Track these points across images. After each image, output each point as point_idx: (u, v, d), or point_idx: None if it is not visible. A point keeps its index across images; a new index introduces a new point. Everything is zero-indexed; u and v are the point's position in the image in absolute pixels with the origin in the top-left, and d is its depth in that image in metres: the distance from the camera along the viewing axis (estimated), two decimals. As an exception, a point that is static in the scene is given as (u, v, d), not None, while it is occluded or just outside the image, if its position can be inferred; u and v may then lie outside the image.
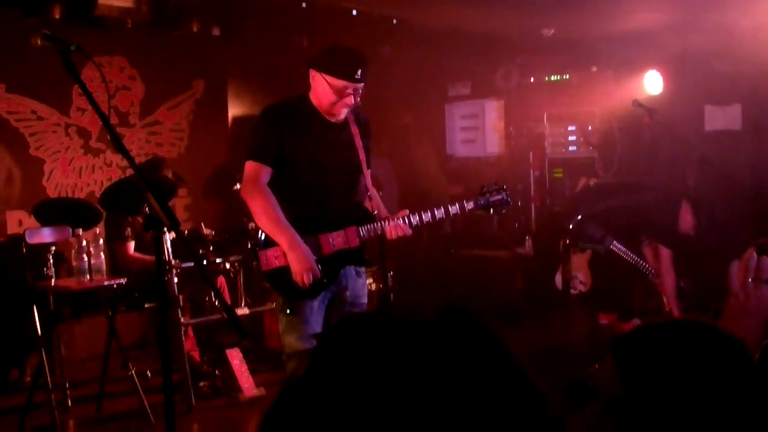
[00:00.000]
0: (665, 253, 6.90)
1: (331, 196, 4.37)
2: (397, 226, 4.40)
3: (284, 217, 4.26)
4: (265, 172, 4.29)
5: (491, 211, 4.64)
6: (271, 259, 4.31)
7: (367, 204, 4.48)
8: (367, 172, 4.56)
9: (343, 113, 4.36)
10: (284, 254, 4.26)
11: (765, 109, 8.10)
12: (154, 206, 2.96)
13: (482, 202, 4.59)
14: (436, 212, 4.47)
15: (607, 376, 1.51)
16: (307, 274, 4.19)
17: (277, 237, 4.25)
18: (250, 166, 4.33)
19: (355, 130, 4.46)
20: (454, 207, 4.49)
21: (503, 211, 4.68)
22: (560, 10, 8.23)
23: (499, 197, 4.60)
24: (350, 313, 4.45)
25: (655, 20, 8.35)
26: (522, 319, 8.04)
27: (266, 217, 4.27)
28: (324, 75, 4.25)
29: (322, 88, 4.29)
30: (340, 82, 4.23)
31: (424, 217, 4.46)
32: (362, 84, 4.29)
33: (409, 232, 4.44)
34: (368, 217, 4.43)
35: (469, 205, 4.54)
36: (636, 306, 8.44)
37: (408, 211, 4.46)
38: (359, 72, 4.23)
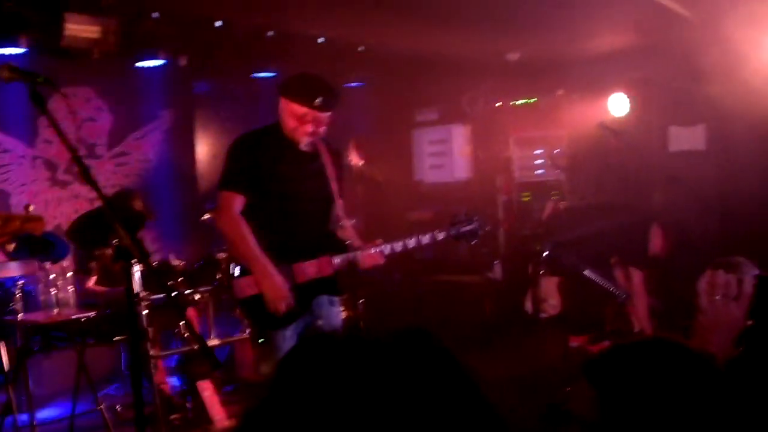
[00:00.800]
0: (637, 275, 6.95)
1: (303, 225, 4.39)
2: (371, 256, 4.42)
3: (258, 247, 4.27)
4: (239, 201, 4.33)
5: (463, 240, 4.69)
6: (244, 287, 4.32)
7: (340, 233, 4.49)
8: (340, 202, 4.57)
9: (304, 141, 4.38)
10: (257, 283, 4.27)
11: (729, 129, 8.20)
12: (123, 238, 2.93)
13: (453, 232, 4.64)
14: (408, 242, 4.50)
15: (582, 400, 1.52)
16: (280, 302, 4.20)
17: (251, 266, 4.27)
18: (223, 195, 4.36)
19: (327, 159, 4.50)
20: (425, 237, 4.53)
21: (474, 241, 4.71)
22: (525, 35, 8.31)
23: (470, 227, 4.67)
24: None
25: (620, 43, 8.45)
26: (493, 343, 8.04)
27: (240, 247, 4.31)
28: (287, 100, 4.30)
29: (284, 113, 4.35)
30: (300, 108, 4.27)
31: (396, 246, 4.49)
32: (325, 113, 4.31)
33: (383, 260, 4.45)
34: (341, 247, 4.45)
35: (441, 236, 4.59)
36: (607, 328, 8.47)
37: (381, 241, 4.48)
38: (320, 100, 4.25)
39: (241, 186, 4.33)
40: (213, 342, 6.32)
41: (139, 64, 7.88)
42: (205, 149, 9.14)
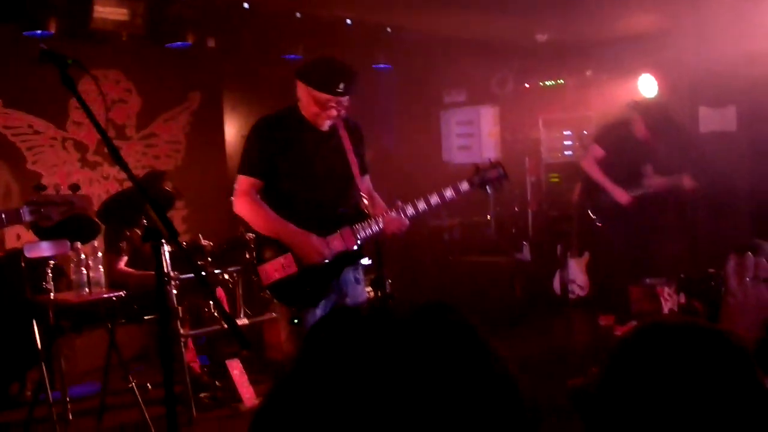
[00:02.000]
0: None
1: (323, 203, 4.42)
2: (392, 220, 4.41)
3: (277, 217, 4.33)
4: (256, 185, 4.39)
5: (488, 189, 4.61)
6: (270, 272, 4.36)
7: (361, 204, 4.49)
8: (362, 179, 4.59)
9: (326, 125, 4.42)
10: (283, 266, 4.32)
11: (760, 110, 8.12)
12: (153, 217, 2.96)
13: (477, 180, 4.56)
14: (431, 199, 4.46)
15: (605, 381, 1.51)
16: (320, 256, 4.27)
17: (280, 234, 4.33)
18: (240, 180, 4.42)
19: (344, 134, 4.51)
20: (448, 191, 4.47)
21: (500, 186, 4.62)
22: (554, 15, 8.26)
23: (495, 173, 4.57)
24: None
25: (649, 23, 8.38)
26: (522, 324, 8.04)
27: (262, 222, 4.37)
28: (308, 87, 4.31)
29: (306, 100, 4.37)
30: (322, 95, 4.29)
31: (419, 206, 4.45)
32: (346, 97, 4.33)
33: (407, 223, 4.45)
34: (362, 216, 4.44)
35: (464, 186, 4.52)
36: (634, 309, 8.45)
37: (401, 203, 4.47)
38: (342, 86, 4.27)
39: (257, 170, 4.37)
40: (242, 322, 6.38)
41: (167, 46, 7.91)
42: (233, 130, 9.18)
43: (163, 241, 3.04)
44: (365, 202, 4.49)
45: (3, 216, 3.84)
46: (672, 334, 1.49)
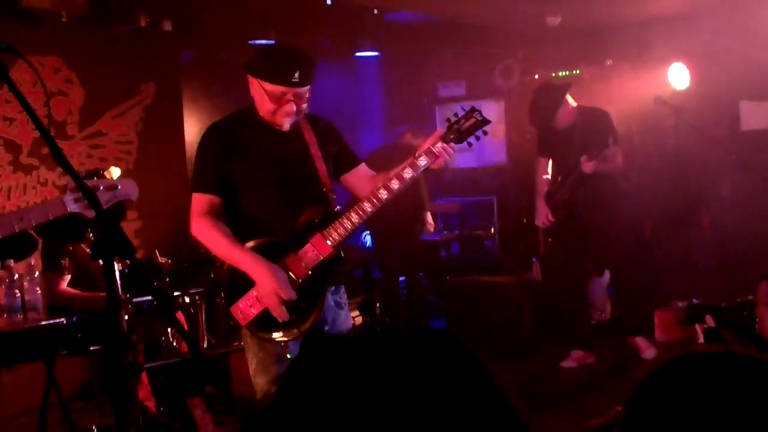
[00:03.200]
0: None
1: (287, 215, 4.40)
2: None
3: (239, 241, 4.32)
4: (213, 202, 4.38)
5: (470, 135, 4.44)
6: (246, 310, 4.35)
7: (328, 204, 4.48)
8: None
9: (286, 123, 4.40)
10: (258, 298, 4.31)
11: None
12: (104, 230, 2.92)
13: (453, 135, 4.38)
14: (419, 160, 4.31)
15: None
16: (281, 291, 4.22)
17: (238, 262, 4.33)
18: (195, 199, 4.42)
19: (310, 138, 4.50)
20: (422, 159, 4.30)
21: (484, 132, 4.51)
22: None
23: (471, 121, 4.41)
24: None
25: (681, 3, 8.40)
26: (531, 354, 8.03)
27: (219, 246, 4.37)
28: (259, 81, 4.29)
29: (259, 96, 4.35)
30: (276, 88, 4.27)
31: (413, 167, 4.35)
32: (305, 87, 4.32)
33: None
34: (330, 217, 4.42)
35: (437, 147, 4.31)
36: (660, 336, 8.47)
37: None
38: (297, 74, 4.24)
39: (213, 187, 4.37)
40: (205, 352, 6.34)
41: (117, 29, 7.89)
42: (194, 128, 9.14)
43: (116, 258, 3.01)
44: (333, 202, 4.49)
45: (47, 208, 3.83)
46: (708, 365, 1.47)
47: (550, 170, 7.84)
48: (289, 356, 4.36)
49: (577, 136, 7.46)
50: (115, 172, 4.12)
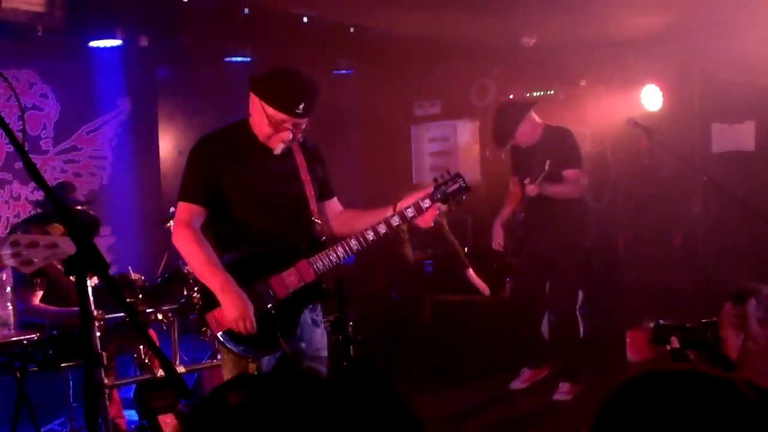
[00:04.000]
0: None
1: (275, 235, 4.42)
2: (428, 209, 4.45)
3: (217, 260, 4.33)
4: (198, 214, 4.38)
5: (451, 202, 4.61)
6: (221, 319, 4.33)
7: (316, 231, 4.50)
8: (327, 203, 4.70)
9: (279, 148, 4.42)
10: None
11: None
12: (78, 246, 2.90)
13: (438, 195, 4.55)
14: (391, 220, 4.46)
15: None
16: (242, 321, 4.22)
17: (209, 281, 4.31)
18: (180, 208, 4.42)
19: (300, 161, 4.52)
20: (410, 210, 4.48)
21: (464, 198, 4.63)
22: (543, 15, 8.31)
23: (455, 186, 4.58)
24: (308, 368, 4.48)
25: (654, 25, 8.46)
26: (506, 373, 8.01)
27: (196, 261, 4.36)
28: (263, 103, 4.29)
29: (258, 117, 4.36)
30: (278, 115, 4.29)
31: (360, 240, 4.44)
32: (305, 119, 4.35)
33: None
34: (318, 246, 4.45)
35: (426, 203, 4.49)
36: (630, 356, 8.48)
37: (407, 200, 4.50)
38: (302, 106, 4.27)
39: (200, 198, 4.38)
40: (178, 369, 6.30)
41: (93, 44, 7.86)
42: (169, 144, 9.12)
43: (89, 274, 2.98)
44: (321, 231, 4.50)
45: None
46: (671, 383, 1.48)
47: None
48: (257, 372, 4.36)
49: (540, 155, 7.38)
50: (57, 230, 4.05)
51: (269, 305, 4.36)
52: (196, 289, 5.01)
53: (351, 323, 6.83)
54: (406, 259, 8.76)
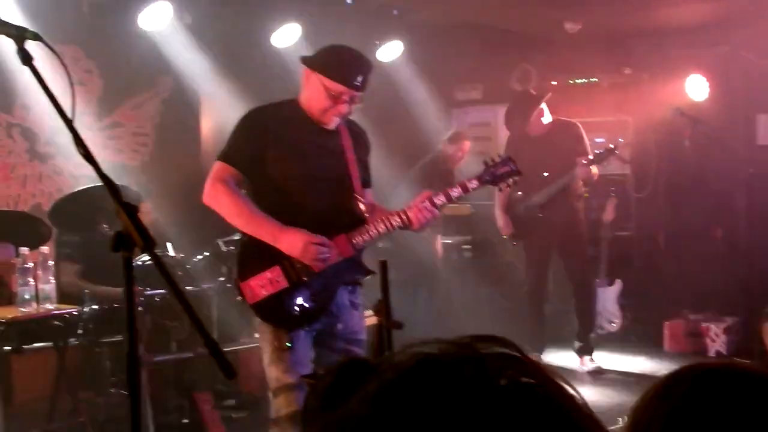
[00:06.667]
0: None
1: (315, 207, 4.43)
2: (423, 209, 4.43)
3: (258, 209, 4.33)
4: (233, 176, 4.39)
5: (499, 185, 4.73)
6: (256, 289, 4.35)
7: (358, 208, 4.51)
8: (365, 191, 4.64)
9: (334, 122, 4.44)
10: (270, 280, 4.32)
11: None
12: (126, 222, 2.91)
13: (487, 177, 4.65)
14: (435, 199, 4.48)
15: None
16: (308, 252, 4.24)
17: (257, 230, 4.33)
18: (217, 165, 4.42)
19: (347, 142, 4.53)
20: (456, 190, 4.53)
21: (514, 183, 4.75)
22: (588, 1, 8.25)
23: (506, 168, 4.66)
24: (344, 350, 4.49)
25: (701, 13, 8.37)
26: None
27: (238, 214, 4.36)
28: (320, 76, 4.33)
29: (315, 91, 4.37)
30: (337, 87, 4.31)
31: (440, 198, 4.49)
32: (360, 93, 4.38)
33: (437, 213, 4.51)
34: (358, 222, 4.46)
35: (473, 184, 4.59)
36: (669, 347, 8.45)
37: (430, 192, 4.52)
38: (360, 78, 4.32)
39: (239, 161, 4.38)
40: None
41: (137, 20, 7.86)
42: (210, 122, 9.13)
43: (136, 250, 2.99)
44: (363, 208, 4.50)
45: None
46: (717, 379, 1.45)
47: None
48: (289, 345, 4.35)
49: (549, 145, 7.68)
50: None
51: (305, 278, 4.37)
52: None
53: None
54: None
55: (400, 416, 0.91)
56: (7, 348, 5.67)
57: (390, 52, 9.32)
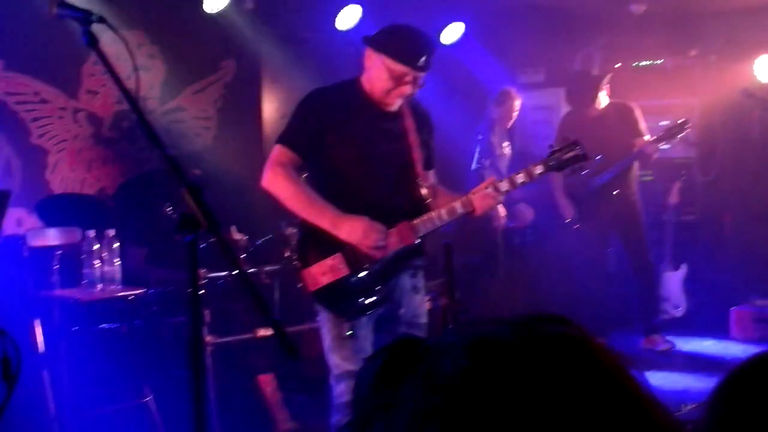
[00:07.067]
0: None
1: (376, 193, 4.39)
2: (486, 196, 4.38)
3: (317, 195, 4.30)
4: (292, 160, 4.36)
5: (566, 170, 4.66)
6: (317, 276, 4.34)
7: (420, 194, 4.47)
8: (427, 173, 4.62)
9: (396, 103, 4.40)
10: (331, 268, 4.30)
11: None
12: (190, 203, 2.92)
13: (553, 162, 4.55)
14: (517, 177, 4.46)
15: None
16: (368, 239, 4.20)
17: (316, 217, 4.30)
18: (276, 150, 4.40)
19: (409, 123, 4.48)
20: (520, 176, 4.47)
21: (581, 170, 4.66)
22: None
23: (572, 153, 4.56)
24: (405, 334, 4.46)
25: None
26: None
27: (296, 200, 4.33)
28: (383, 57, 4.28)
29: (377, 72, 4.33)
30: (400, 67, 4.26)
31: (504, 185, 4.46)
32: (423, 74, 4.31)
33: (499, 199, 4.50)
34: (421, 208, 4.42)
35: (538, 169, 4.51)
36: (735, 335, 8.32)
37: (494, 178, 4.53)
38: (423, 59, 4.26)
39: (297, 145, 4.36)
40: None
41: (200, 5, 7.90)
42: (271, 107, 9.16)
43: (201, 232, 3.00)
44: (425, 194, 4.46)
45: None
46: None
47: None
48: (349, 333, 4.34)
49: (606, 127, 7.64)
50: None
51: (366, 265, 4.35)
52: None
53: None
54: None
55: (452, 397, 0.89)
56: (75, 329, 5.74)
57: (452, 33, 9.27)
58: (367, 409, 0.95)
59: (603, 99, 7.74)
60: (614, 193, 7.71)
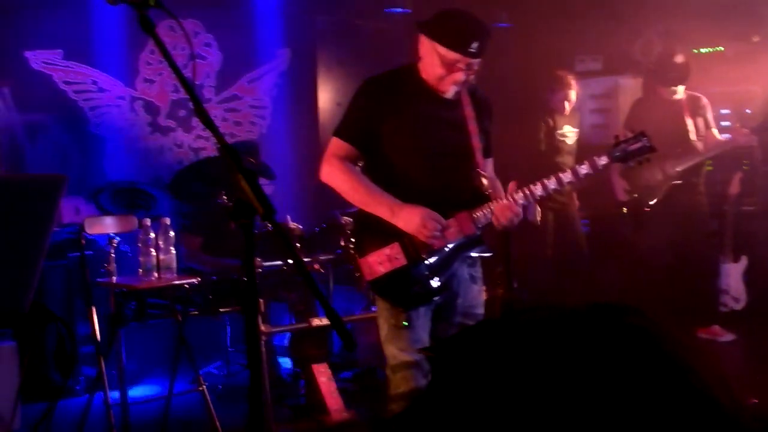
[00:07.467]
0: None
1: (434, 183, 4.33)
2: (505, 208, 4.29)
3: (375, 186, 4.26)
4: (348, 152, 4.32)
5: (631, 162, 4.49)
6: (374, 266, 4.29)
7: (480, 183, 4.39)
8: (485, 161, 4.52)
9: (451, 90, 4.31)
10: (389, 257, 4.26)
11: None
12: (246, 190, 2.88)
13: (618, 153, 4.43)
14: (563, 177, 4.33)
15: None
16: (426, 228, 4.15)
17: (375, 207, 4.26)
18: (333, 143, 4.36)
19: (468, 112, 4.41)
20: (583, 167, 4.35)
21: (647, 160, 4.51)
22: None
23: (638, 145, 4.44)
24: (462, 324, 4.42)
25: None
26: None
27: (354, 192, 4.29)
28: (434, 43, 4.21)
29: (430, 58, 4.25)
30: (451, 54, 4.17)
31: (535, 190, 4.32)
32: (477, 60, 4.22)
33: (518, 211, 4.31)
34: (481, 198, 4.35)
35: (603, 161, 4.38)
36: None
37: (514, 185, 4.35)
38: (475, 45, 4.15)
39: (355, 136, 4.30)
40: (324, 321, 6.30)
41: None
42: (327, 95, 9.15)
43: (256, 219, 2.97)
44: (485, 184, 4.39)
45: None
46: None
47: None
48: (405, 324, 4.29)
49: (676, 116, 7.67)
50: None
51: (424, 255, 4.29)
52: (352, 239, 4.97)
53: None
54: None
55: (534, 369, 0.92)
56: (130, 317, 5.76)
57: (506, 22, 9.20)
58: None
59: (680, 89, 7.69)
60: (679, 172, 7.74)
